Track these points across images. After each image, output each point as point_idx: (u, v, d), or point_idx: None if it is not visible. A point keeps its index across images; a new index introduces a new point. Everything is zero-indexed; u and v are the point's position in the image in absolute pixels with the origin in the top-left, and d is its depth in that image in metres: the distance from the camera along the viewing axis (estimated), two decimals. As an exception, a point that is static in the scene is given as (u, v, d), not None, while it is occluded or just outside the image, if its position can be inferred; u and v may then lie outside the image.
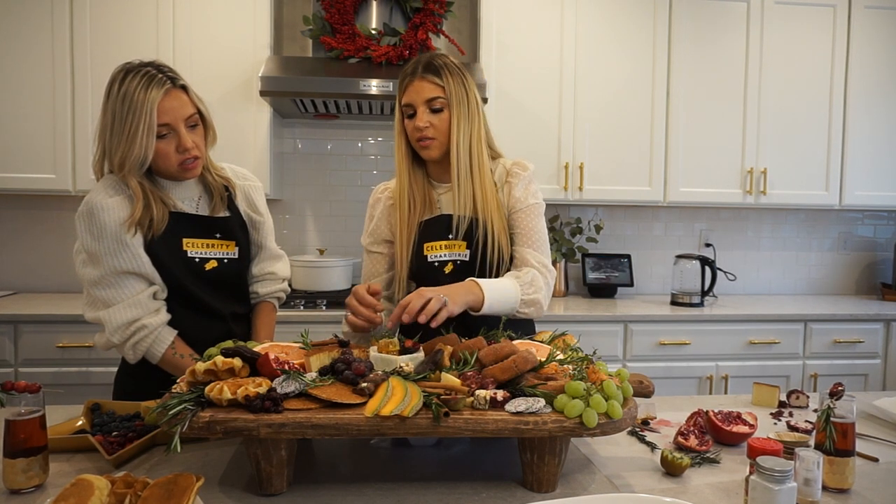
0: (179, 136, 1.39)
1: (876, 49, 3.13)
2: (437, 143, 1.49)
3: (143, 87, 1.33)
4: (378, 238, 1.64)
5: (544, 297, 1.49)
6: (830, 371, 2.89)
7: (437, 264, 1.52)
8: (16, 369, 2.48)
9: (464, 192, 1.48)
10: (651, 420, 1.38)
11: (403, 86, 1.50)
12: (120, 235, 1.38)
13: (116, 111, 1.35)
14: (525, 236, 1.53)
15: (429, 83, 1.47)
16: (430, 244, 1.54)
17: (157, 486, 0.88)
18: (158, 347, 1.43)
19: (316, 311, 2.66)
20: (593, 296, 3.26)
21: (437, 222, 1.54)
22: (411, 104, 1.48)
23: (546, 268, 1.51)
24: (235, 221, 1.57)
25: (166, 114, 1.36)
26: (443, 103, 1.47)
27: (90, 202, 1.38)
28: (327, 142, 3.23)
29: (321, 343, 1.22)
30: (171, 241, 1.45)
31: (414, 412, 0.96)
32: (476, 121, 1.50)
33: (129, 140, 1.34)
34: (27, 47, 2.67)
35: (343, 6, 2.78)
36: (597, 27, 2.96)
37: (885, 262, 3.58)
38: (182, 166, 1.42)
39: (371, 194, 1.68)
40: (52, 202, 3.03)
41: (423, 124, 1.47)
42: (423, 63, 1.49)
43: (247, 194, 1.62)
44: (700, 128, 3.05)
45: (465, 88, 1.49)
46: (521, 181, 1.55)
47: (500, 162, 1.60)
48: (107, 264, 1.39)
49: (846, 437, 1.05)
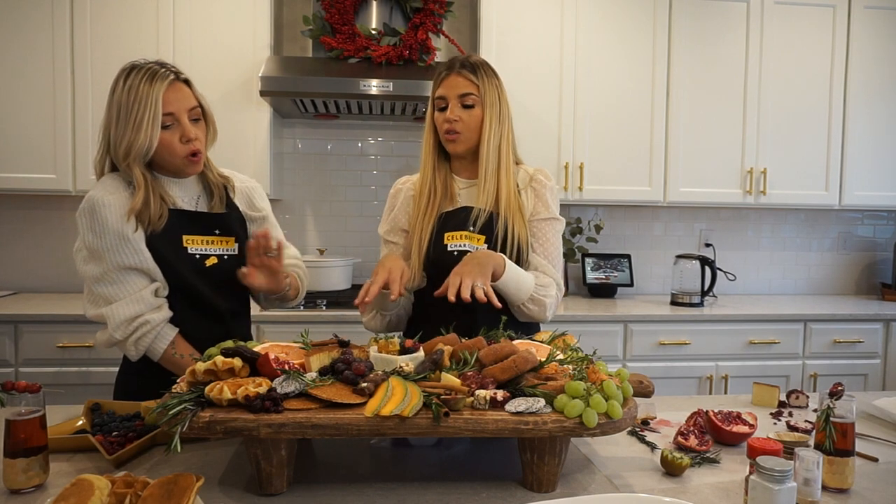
0: (183, 127, 1.42)
1: (876, 49, 3.13)
2: (464, 138, 1.54)
3: (147, 80, 1.38)
4: (396, 227, 1.65)
5: (551, 304, 1.54)
6: (830, 371, 2.89)
7: (456, 254, 1.54)
8: (16, 369, 2.48)
9: (489, 187, 1.53)
10: (651, 420, 1.38)
11: (439, 80, 1.56)
12: (122, 231, 1.39)
13: (122, 103, 1.38)
14: (545, 248, 1.58)
15: (464, 79, 1.53)
16: (450, 234, 1.56)
17: (157, 486, 0.88)
18: (160, 344, 1.43)
19: (316, 311, 2.66)
20: (593, 296, 3.26)
21: (459, 213, 1.57)
22: (444, 97, 1.54)
23: (558, 284, 1.57)
24: (234, 218, 1.57)
25: (170, 104, 1.39)
26: (475, 100, 1.53)
27: (92, 199, 1.39)
28: (327, 142, 3.23)
29: (321, 343, 1.22)
30: (172, 237, 1.46)
31: (414, 412, 0.96)
32: (506, 124, 1.57)
33: (136, 129, 1.37)
34: (27, 47, 2.67)
35: (343, 6, 2.78)
36: (597, 27, 2.96)
37: (884, 262, 3.58)
38: (187, 159, 1.44)
39: (393, 185, 1.71)
40: (52, 202, 3.03)
41: (453, 116, 1.52)
42: (461, 60, 1.56)
43: (245, 194, 1.63)
44: (700, 128, 3.05)
45: (498, 92, 1.56)
46: (549, 191, 1.61)
47: (522, 167, 1.65)
48: (109, 260, 1.39)
49: (846, 437, 1.05)
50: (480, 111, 1.53)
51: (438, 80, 1.57)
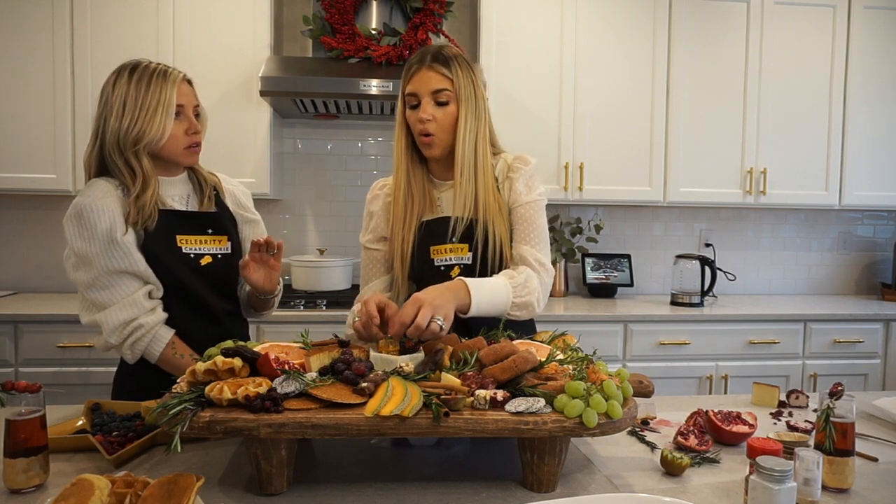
0: (189, 119, 1.49)
1: (876, 49, 3.13)
2: (439, 141, 1.44)
3: (160, 75, 1.44)
4: (377, 235, 1.60)
5: (538, 298, 1.42)
6: (830, 371, 2.89)
7: (443, 268, 1.49)
8: (16, 369, 2.48)
9: (465, 192, 1.44)
10: (651, 420, 1.38)
11: (409, 74, 1.45)
12: (111, 235, 1.39)
13: (130, 94, 1.41)
14: (524, 232, 1.48)
15: (437, 74, 1.42)
16: (436, 247, 1.49)
17: (157, 486, 0.88)
18: (156, 346, 1.43)
19: (316, 311, 2.66)
20: (593, 296, 3.26)
21: (441, 224, 1.49)
22: (416, 93, 1.43)
23: (543, 266, 1.46)
24: (225, 216, 1.59)
25: (182, 97, 1.46)
26: (449, 96, 1.43)
27: (79, 205, 1.41)
28: (327, 142, 3.23)
29: (321, 343, 1.22)
30: (166, 238, 1.46)
31: (414, 412, 0.96)
32: (482, 117, 1.47)
33: (149, 118, 1.41)
34: (27, 47, 2.67)
35: (343, 6, 2.78)
36: (597, 27, 2.96)
37: (884, 262, 3.58)
38: (188, 149, 1.50)
39: (369, 190, 1.64)
40: (52, 202, 3.03)
41: (426, 116, 1.42)
42: (432, 53, 1.44)
43: (234, 195, 1.66)
44: (700, 128, 3.05)
45: (473, 83, 1.45)
46: (522, 176, 1.50)
47: (501, 157, 1.55)
48: (99, 265, 1.40)
49: (846, 437, 1.05)
50: (455, 108, 1.43)
51: (409, 74, 1.45)
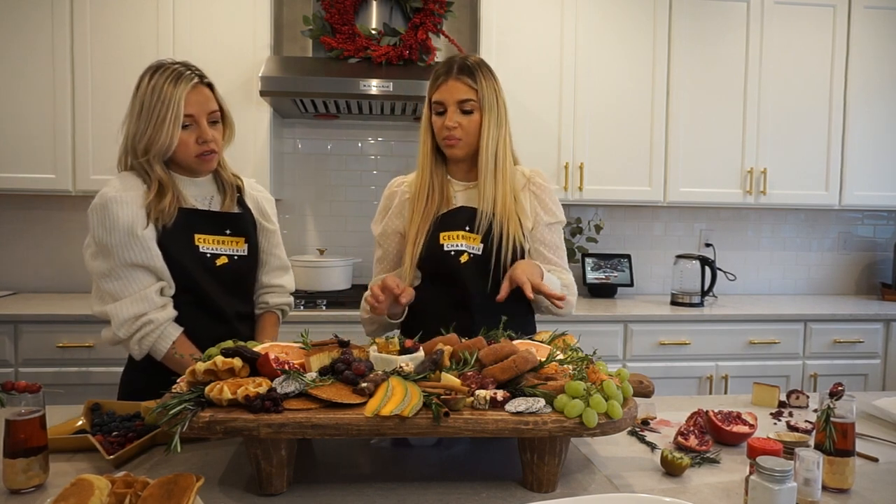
0: (200, 129, 1.46)
1: (876, 49, 3.13)
2: (463, 144, 1.53)
3: (172, 81, 1.42)
4: (390, 230, 1.65)
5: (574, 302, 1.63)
6: (830, 371, 2.89)
7: (453, 253, 1.54)
8: (16, 369, 2.48)
9: (488, 193, 1.53)
10: (651, 420, 1.38)
11: (437, 84, 1.54)
12: (132, 228, 1.40)
13: (145, 101, 1.42)
14: (558, 253, 1.63)
15: (463, 84, 1.51)
16: (446, 233, 1.56)
17: (157, 486, 0.88)
18: (163, 343, 1.44)
19: (316, 311, 2.66)
20: (593, 296, 3.26)
21: (455, 214, 1.57)
22: (442, 102, 1.52)
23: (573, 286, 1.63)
24: (246, 218, 1.59)
25: (191, 106, 1.44)
26: (473, 106, 1.52)
27: (105, 196, 1.42)
28: (327, 142, 3.23)
29: (321, 343, 1.22)
30: (184, 236, 1.47)
31: (414, 412, 0.96)
32: (504, 126, 1.56)
33: (157, 127, 1.41)
34: (27, 47, 2.67)
35: (343, 6, 2.78)
36: (597, 27, 2.96)
37: (884, 262, 3.58)
38: (200, 157, 1.48)
39: (387, 186, 1.70)
40: (52, 202, 3.03)
41: (452, 124, 1.51)
42: (459, 64, 1.53)
43: (257, 200, 1.65)
44: (700, 128, 3.05)
45: (496, 94, 1.55)
46: (550, 195, 1.63)
47: (518, 169, 1.64)
48: (117, 257, 1.40)
49: (846, 437, 1.05)
50: (479, 116, 1.52)
51: (436, 84, 1.55)
